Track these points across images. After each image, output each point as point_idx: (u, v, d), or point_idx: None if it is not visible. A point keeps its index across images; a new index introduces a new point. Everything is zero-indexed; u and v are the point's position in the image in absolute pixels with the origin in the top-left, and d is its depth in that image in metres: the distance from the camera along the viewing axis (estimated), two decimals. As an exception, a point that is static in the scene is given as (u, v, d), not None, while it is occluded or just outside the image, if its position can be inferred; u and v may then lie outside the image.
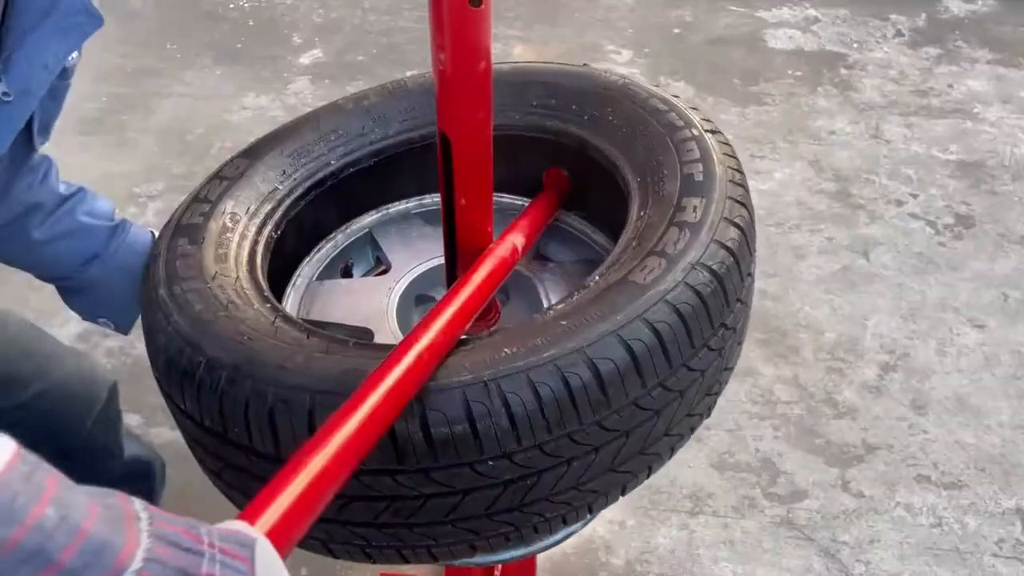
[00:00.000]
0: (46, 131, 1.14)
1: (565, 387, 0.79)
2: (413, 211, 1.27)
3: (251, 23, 3.74)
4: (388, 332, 1.07)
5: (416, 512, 0.83)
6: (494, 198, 1.16)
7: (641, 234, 0.93)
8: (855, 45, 3.60)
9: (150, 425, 2.11)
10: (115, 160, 2.96)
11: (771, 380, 2.25)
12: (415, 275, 1.16)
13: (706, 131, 1.03)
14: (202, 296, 0.93)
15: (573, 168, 1.14)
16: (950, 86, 3.37)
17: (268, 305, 0.96)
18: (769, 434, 2.12)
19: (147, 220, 2.70)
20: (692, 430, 0.95)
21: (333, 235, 1.23)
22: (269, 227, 1.10)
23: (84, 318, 1.35)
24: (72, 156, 2.97)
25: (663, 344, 0.82)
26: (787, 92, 3.32)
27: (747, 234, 0.93)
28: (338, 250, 1.22)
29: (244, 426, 0.81)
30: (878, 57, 3.53)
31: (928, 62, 3.51)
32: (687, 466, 2.03)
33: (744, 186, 0.97)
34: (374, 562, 0.91)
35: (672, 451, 0.94)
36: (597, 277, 0.90)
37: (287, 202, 1.13)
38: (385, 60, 3.53)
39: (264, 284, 1.01)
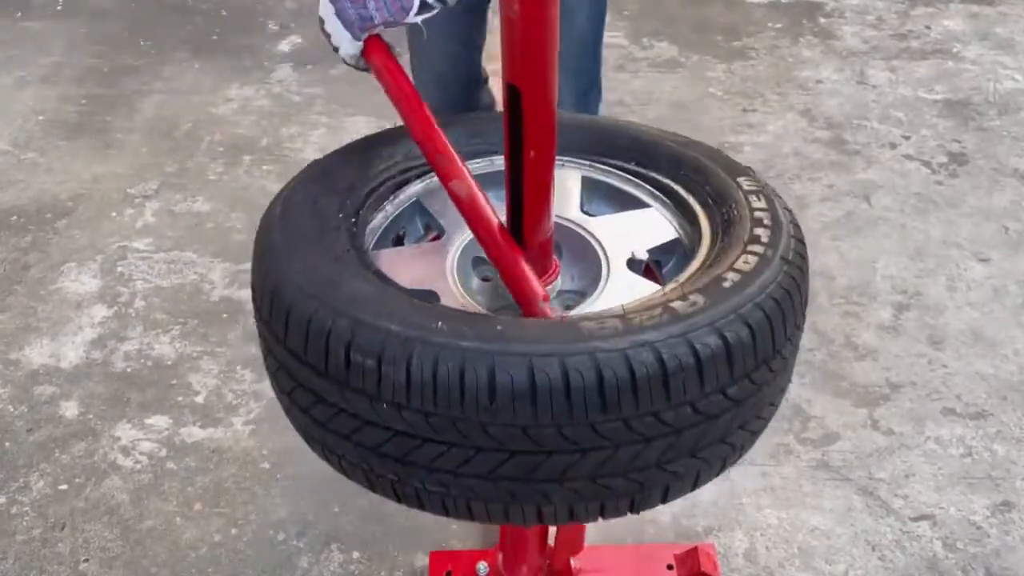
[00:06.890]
0: None
1: (489, 381, 0.84)
2: None
3: (224, 13, 3.68)
4: (452, 294, 1.09)
5: (354, 432, 0.93)
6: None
7: (649, 298, 0.98)
8: (830, -7, 3.63)
9: (179, 425, 2.09)
10: (104, 163, 2.90)
11: (790, 328, 2.28)
12: (470, 238, 1.18)
13: (787, 249, 1.04)
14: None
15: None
16: (928, 27, 3.41)
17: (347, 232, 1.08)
18: (795, 381, 2.13)
19: (146, 221, 2.67)
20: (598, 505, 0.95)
21: (382, 206, 1.23)
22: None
23: None
24: (59, 162, 2.91)
25: (565, 388, 0.85)
26: (770, 45, 3.34)
27: (756, 337, 0.92)
28: (389, 220, 1.23)
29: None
30: (854, 3, 3.56)
31: (904, 5, 3.55)
32: (719, 419, 2.06)
33: (783, 304, 0.96)
34: (332, 466, 1.01)
35: (572, 509, 0.94)
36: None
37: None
38: (364, 41, 3.49)
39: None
